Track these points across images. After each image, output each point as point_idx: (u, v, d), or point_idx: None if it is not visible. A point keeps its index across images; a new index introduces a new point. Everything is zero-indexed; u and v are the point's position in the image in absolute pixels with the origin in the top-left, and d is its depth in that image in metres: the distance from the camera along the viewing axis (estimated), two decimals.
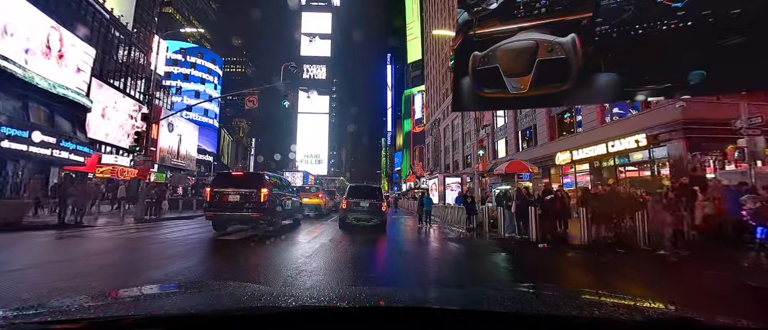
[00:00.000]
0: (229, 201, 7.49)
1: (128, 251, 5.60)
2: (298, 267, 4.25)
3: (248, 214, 7.41)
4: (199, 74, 50.74)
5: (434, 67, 45.34)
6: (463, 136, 32.77)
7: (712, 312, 0.91)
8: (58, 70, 15.43)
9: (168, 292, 1.39)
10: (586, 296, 1.34)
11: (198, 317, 0.87)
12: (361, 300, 1.02)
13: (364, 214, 9.02)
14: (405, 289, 2.33)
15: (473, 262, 5.60)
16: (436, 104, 43.99)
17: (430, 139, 48.82)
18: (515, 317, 0.87)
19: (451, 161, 36.74)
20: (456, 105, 6.27)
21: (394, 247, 7.02)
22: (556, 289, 1.89)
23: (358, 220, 9.06)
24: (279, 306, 0.93)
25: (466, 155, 31.84)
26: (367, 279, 4.04)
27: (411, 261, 5.60)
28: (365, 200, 9.15)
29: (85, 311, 0.96)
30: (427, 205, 11.63)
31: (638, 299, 1.24)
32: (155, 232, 8.15)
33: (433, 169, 40.94)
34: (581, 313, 0.99)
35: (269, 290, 1.25)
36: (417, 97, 59.79)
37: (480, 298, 1.19)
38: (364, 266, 4.88)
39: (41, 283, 3.34)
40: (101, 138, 24.11)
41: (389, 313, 0.91)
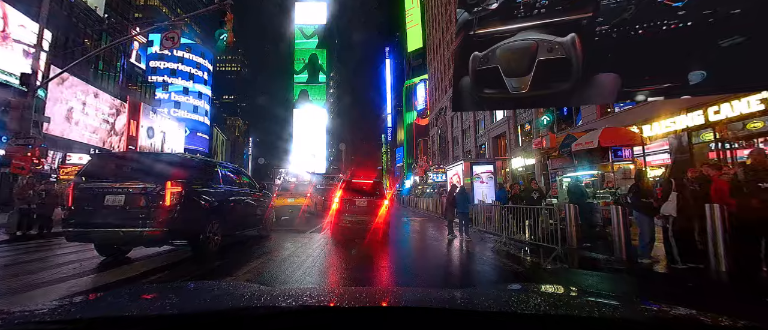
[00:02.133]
0: (108, 206, 4.54)
1: None
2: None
3: (139, 231, 4.49)
4: (187, 69, 50.73)
5: (438, 52, 44.67)
6: (475, 123, 31.43)
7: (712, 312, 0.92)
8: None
9: (168, 292, 1.40)
10: (586, 297, 1.39)
11: (198, 317, 0.91)
12: (360, 300, 1.04)
13: (361, 215, 8.00)
14: (405, 290, 2.40)
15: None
16: (440, 92, 43.55)
17: (435, 130, 48.43)
18: (515, 317, 0.90)
19: (462, 152, 35.72)
20: (455, 105, 6.54)
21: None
22: (556, 289, 1.93)
23: (355, 222, 7.95)
24: (279, 306, 0.96)
25: (479, 145, 31.02)
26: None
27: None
28: (363, 199, 8.20)
29: (85, 311, 1.00)
30: (462, 205, 8.47)
31: (638, 299, 1.29)
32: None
33: (440, 162, 40.66)
34: (581, 313, 1.03)
35: (269, 290, 1.32)
36: (419, 86, 59.53)
37: (480, 298, 1.23)
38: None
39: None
40: (59, 133, 22.48)
41: (389, 313, 0.97)
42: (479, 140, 31.30)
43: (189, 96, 50.27)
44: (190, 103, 50.26)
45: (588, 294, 1.40)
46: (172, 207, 4.62)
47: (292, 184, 17.96)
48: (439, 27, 44.49)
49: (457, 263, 6.02)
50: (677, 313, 1.02)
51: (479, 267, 5.63)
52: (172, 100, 48.04)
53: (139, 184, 4.74)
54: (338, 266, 5.39)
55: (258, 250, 6.24)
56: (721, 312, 0.88)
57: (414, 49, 62.41)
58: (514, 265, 5.52)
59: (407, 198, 32.51)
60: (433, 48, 49.45)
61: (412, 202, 28.20)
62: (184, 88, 49.84)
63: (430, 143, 52.36)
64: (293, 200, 12.16)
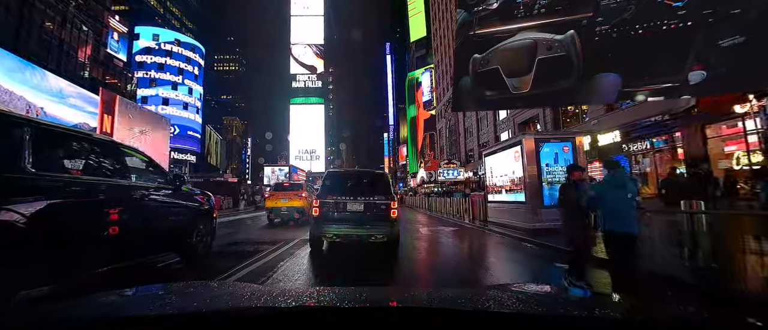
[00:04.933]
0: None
1: None
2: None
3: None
4: (176, 63, 51.04)
5: (446, 36, 43.80)
6: (495, 110, 28.83)
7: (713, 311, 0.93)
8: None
9: (168, 292, 1.49)
10: (587, 297, 1.46)
11: (198, 317, 0.96)
12: (360, 300, 1.10)
13: (356, 225, 5.85)
14: (406, 290, 2.50)
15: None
16: (447, 82, 42.72)
17: (443, 122, 47.83)
18: (515, 317, 0.95)
19: (476, 145, 34.87)
20: (455, 105, 6.90)
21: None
22: (558, 289, 2.02)
23: (346, 235, 5.85)
24: (279, 306, 1.01)
25: (498, 135, 29.78)
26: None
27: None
28: (359, 199, 5.98)
29: (84, 311, 1.05)
30: (617, 219, 3.58)
31: (639, 299, 1.38)
32: None
33: (450, 158, 39.94)
34: (581, 313, 1.08)
35: (269, 290, 1.38)
36: (424, 76, 59.61)
37: (481, 298, 1.28)
38: None
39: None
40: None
41: (389, 313, 1.02)
42: (499, 129, 30.07)
43: (178, 92, 50.77)
44: (179, 99, 50.73)
45: (589, 294, 1.46)
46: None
47: (285, 183, 17.23)
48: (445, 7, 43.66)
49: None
50: (677, 313, 1.08)
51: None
52: (160, 96, 48.49)
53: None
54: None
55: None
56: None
57: (417, 38, 62.73)
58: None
59: (415, 198, 30.65)
60: (438, 34, 49.10)
61: (421, 202, 25.20)
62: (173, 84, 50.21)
63: (438, 137, 52.30)
64: (287, 201, 12.01)
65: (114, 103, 26.33)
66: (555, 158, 9.15)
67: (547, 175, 9.07)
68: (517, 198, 9.64)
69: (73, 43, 28.71)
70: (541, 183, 8.96)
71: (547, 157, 9.17)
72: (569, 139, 9.44)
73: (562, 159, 9.07)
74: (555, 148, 9.14)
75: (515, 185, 9.78)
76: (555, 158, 9.15)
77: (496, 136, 30.49)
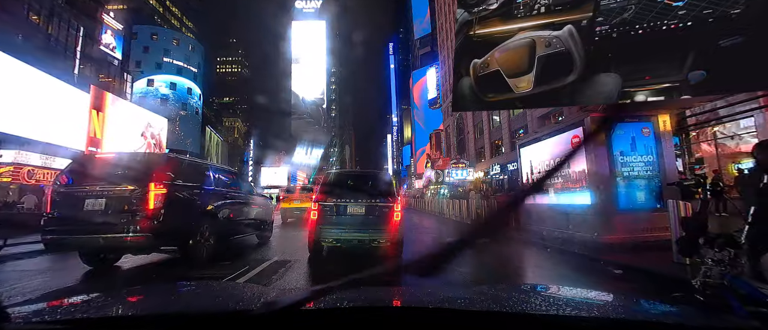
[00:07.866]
0: (87, 211, 4.76)
1: None
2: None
3: (121, 237, 4.67)
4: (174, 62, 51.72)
5: (452, 30, 44.41)
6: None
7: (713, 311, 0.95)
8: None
9: (168, 292, 1.51)
10: (588, 297, 1.51)
11: (198, 317, 0.98)
12: (360, 300, 1.12)
13: (357, 229, 5.91)
14: (406, 289, 2.45)
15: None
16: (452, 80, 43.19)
17: (450, 120, 47.98)
18: (515, 317, 0.97)
19: (487, 143, 34.75)
20: (456, 106, 7.09)
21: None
22: (556, 289, 2.07)
23: (347, 240, 5.94)
24: (279, 306, 1.03)
25: (516, 130, 28.58)
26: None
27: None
28: (360, 201, 6.02)
29: (85, 311, 1.07)
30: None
31: (639, 299, 1.41)
32: None
33: (458, 157, 39.92)
34: (581, 313, 1.10)
35: (269, 290, 1.38)
36: (429, 72, 59.71)
37: (481, 298, 1.31)
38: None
39: None
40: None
41: (389, 313, 1.04)
42: (514, 125, 29.38)
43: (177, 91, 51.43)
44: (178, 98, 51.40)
45: (590, 294, 1.50)
46: (156, 212, 4.82)
47: (297, 187, 21.43)
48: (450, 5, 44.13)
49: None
50: (678, 313, 1.11)
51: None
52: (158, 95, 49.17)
53: (116, 187, 4.95)
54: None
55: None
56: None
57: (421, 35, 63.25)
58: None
59: (422, 201, 29.67)
60: (444, 28, 49.29)
61: (430, 205, 24.36)
62: (171, 83, 50.88)
63: (445, 136, 52.40)
64: (299, 203, 14.36)
65: (102, 100, 26.14)
66: (632, 144, 7.08)
67: (622, 168, 6.99)
68: (575, 199, 7.48)
69: (60, 37, 28.25)
70: (613, 178, 6.89)
71: (621, 142, 7.08)
72: (652, 117, 7.21)
73: (641, 145, 7.07)
74: (632, 131, 7.04)
75: (573, 183, 7.57)
76: (632, 144, 7.08)
77: (511, 132, 29.67)
